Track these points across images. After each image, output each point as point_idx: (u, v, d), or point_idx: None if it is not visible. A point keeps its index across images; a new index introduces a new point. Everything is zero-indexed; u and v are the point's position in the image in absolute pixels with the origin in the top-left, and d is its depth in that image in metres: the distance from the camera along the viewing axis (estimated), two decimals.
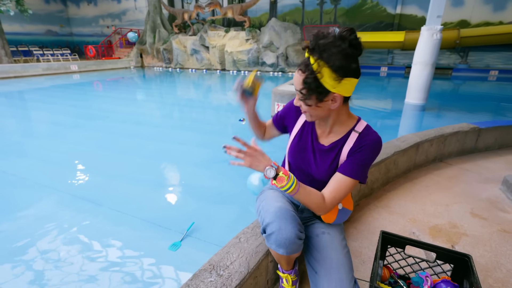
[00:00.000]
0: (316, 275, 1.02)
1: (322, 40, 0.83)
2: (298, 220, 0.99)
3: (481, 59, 13.16)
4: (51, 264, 1.74)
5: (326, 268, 1.00)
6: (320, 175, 1.06)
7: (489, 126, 2.98)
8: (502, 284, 1.31)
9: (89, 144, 3.97)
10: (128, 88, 9.65)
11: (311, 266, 1.07)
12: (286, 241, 0.93)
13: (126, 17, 19.40)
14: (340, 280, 0.95)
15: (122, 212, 2.29)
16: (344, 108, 0.98)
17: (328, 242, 1.06)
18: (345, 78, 0.85)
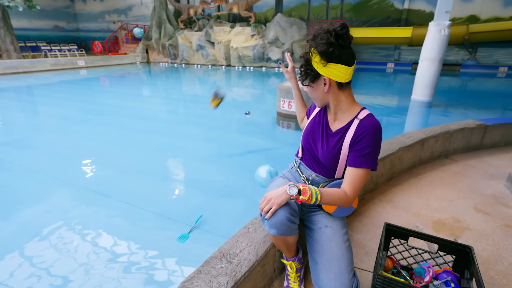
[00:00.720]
0: (317, 265, 1.06)
1: (317, 31, 1.00)
2: (291, 206, 1.04)
3: (490, 55, 12.95)
4: (61, 253, 1.81)
5: (326, 259, 1.04)
6: (324, 157, 1.13)
7: (496, 123, 2.97)
8: (503, 276, 1.34)
9: (97, 138, 4.05)
10: (134, 84, 9.74)
11: (312, 257, 1.11)
12: (277, 222, 0.99)
13: (132, 12, 19.44)
14: (339, 272, 1.00)
15: (131, 204, 2.36)
16: (343, 95, 1.07)
17: (330, 235, 1.11)
18: (331, 63, 0.99)
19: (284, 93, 4.54)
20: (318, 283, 1.04)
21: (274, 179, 1.32)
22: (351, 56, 1.00)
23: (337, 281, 0.98)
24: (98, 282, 1.58)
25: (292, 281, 1.21)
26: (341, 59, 0.99)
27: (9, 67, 10.69)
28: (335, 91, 1.05)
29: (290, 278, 1.23)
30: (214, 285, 0.98)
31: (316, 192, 0.96)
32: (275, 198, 0.98)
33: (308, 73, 1.05)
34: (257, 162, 3.26)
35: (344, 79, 1.02)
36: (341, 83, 1.03)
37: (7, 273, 1.64)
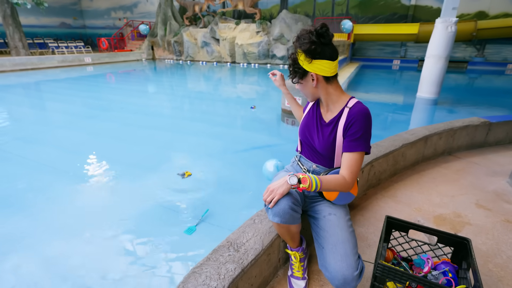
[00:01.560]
0: (323, 249, 1.12)
1: (300, 33, 1.10)
2: (293, 195, 1.10)
3: (498, 52, 12.76)
4: (69, 246, 1.89)
5: (332, 243, 1.10)
6: (321, 147, 1.21)
7: (501, 121, 2.98)
8: (501, 269, 1.38)
9: (104, 134, 4.14)
10: (140, 80, 9.84)
11: (318, 243, 1.17)
12: (280, 211, 1.05)
13: (137, 9, 19.53)
14: (345, 253, 1.05)
15: (138, 199, 2.44)
16: (331, 87, 1.16)
17: (335, 221, 1.16)
18: (315, 60, 1.08)
19: (289, 89, 4.57)
20: (325, 266, 1.09)
21: (278, 173, 1.38)
22: (334, 52, 1.10)
23: (344, 262, 1.03)
24: (107, 272, 1.65)
25: (296, 270, 1.27)
26: (324, 55, 1.08)
27: (18, 64, 10.86)
28: (323, 85, 1.14)
29: (294, 267, 1.28)
30: (222, 272, 1.04)
31: (315, 180, 1.01)
32: (277, 188, 1.04)
33: (296, 71, 1.14)
34: (262, 158, 3.31)
35: (330, 73, 1.11)
36: (327, 77, 1.12)
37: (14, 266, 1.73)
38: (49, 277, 1.62)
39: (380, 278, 1.06)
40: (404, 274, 1.01)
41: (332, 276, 1.04)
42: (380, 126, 4.47)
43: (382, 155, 2.08)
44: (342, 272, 1.02)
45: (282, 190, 1.03)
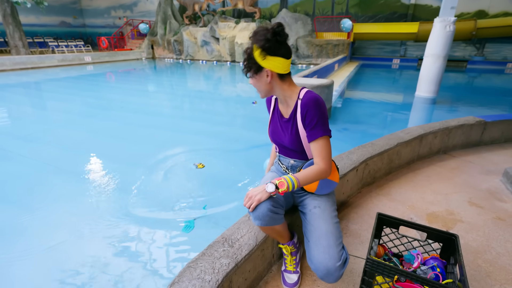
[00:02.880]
0: (309, 243, 1.16)
1: (257, 29, 1.12)
2: (274, 198, 1.13)
3: (498, 51, 12.76)
4: (68, 244, 1.92)
5: (316, 236, 1.14)
6: (289, 143, 1.24)
7: (496, 120, 3.01)
8: (490, 265, 1.41)
9: (104, 133, 4.17)
10: (140, 79, 9.87)
11: (306, 237, 1.21)
12: (260, 214, 1.09)
13: (137, 8, 19.53)
14: (328, 245, 1.10)
15: (137, 197, 2.47)
16: (285, 84, 1.19)
17: (319, 214, 1.21)
18: (269, 56, 1.10)
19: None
20: (310, 259, 1.13)
21: (265, 175, 1.43)
22: (288, 51, 1.13)
23: (326, 254, 1.08)
24: (105, 268, 1.69)
25: (289, 264, 1.31)
26: (278, 53, 1.10)
27: (18, 63, 10.89)
28: (277, 81, 1.17)
29: (286, 261, 1.32)
30: (216, 266, 1.07)
31: (292, 180, 1.07)
32: (255, 195, 1.09)
33: (250, 66, 1.15)
34: (261, 156, 3.35)
35: (283, 70, 1.15)
36: (281, 74, 1.16)
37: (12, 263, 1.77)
38: (47, 274, 1.66)
39: (370, 273, 1.09)
40: (392, 268, 1.05)
41: (316, 267, 1.09)
42: (378, 125, 4.50)
43: (377, 153, 2.12)
44: (325, 264, 1.06)
45: (259, 197, 1.08)
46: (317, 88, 4.44)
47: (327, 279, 1.09)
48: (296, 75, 5.59)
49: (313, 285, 1.30)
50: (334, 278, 1.08)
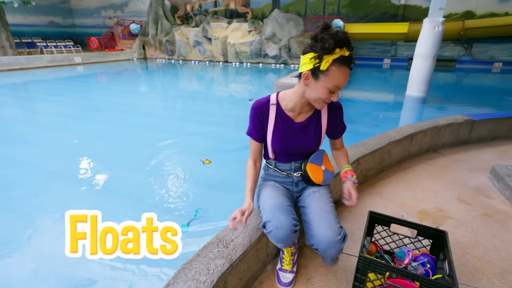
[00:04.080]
0: (309, 224, 1.19)
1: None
2: (292, 213, 1.18)
3: (485, 51, 13.04)
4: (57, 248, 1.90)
5: (317, 215, 1.19)
6: (313, 145, 1.28)
7: (483, 118, 3.08)
8: (478, 260, 1.46)
9: (95, 135, 4.12)
10: (131, 80, 9.77)
11: (306, 221, 1.24)
12: (284, 237, 1.11)
13: (128, 8, 19.31)
14: (328, 221, 1.15)
15: (130, 199, 2.46)
16: None
17: (318, 197, 1.27)
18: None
19: (281, 89, 4.60)
20: (311, 235, 1.17)
21: (262, 185, 1.35)
22: None
23: (328, 228, 1.13)
24: (98, 270, 1.67)
25: (286, 264, 1.31)
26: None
27: (5, 64, 10.65)
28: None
29: (284, 261, 1.32)
30: (211, 267, 1.08)
31: (353, 175, 1.27)
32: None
33: None
34: None
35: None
36: None
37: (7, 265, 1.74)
38: (36, 278, 1.63)
39: (362, 270, 1.11)
40: (384, 265, 1.07)
41: (318, 241, 1.13)
42: (370, 124, 4.56)
43: (368, 153, 2.15)
44: (327, 236, 1.11)
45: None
46: None
47: (329, 251, 1.12)
48: (289, 75, 5.63)
49: (307, 283, 1.32)
50: (336, 251, 1.12)
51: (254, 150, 1.32)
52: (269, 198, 1.23)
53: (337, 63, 1.01)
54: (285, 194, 1.30)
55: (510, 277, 1.35)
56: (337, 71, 1.02)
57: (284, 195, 1.28)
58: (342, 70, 1.02)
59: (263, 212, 1.21)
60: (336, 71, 1.02)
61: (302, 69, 1.09)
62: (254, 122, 1.26)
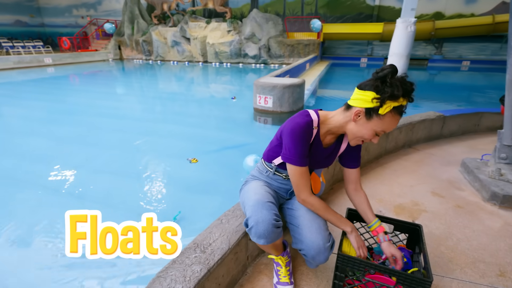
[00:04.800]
0: (299, 228, 1.17)
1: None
2: (274, 209, 1.13)
3: (454, 50, 13.75)
4: (34, 260, 1.79)
5: (307, 220, 1.17)
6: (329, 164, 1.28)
7: (454, 114, 3.22)
8: (452, 251, 1.51)
9: (68, 139, 3.92)
10: (107, 82, 9.42)
11: (293, 224, 1.22)
12: (265, 232, 1.06)
13: (101, 7, 18.62)
14: (319, 227, 1.14)
15: (107, 205, 2.35)
16: None
17: None
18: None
19: (260, 89, 4.61)
20: (301, 240, 1.15)
21: (247, 183, 1.32)
22: None
23: (319, 234, 1.12)
24: (69, 282, 1.58)
25: (283, 276, 1.27)
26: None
27: None
28: None
29: (280, 273, 1.27)
30: (188, 274, 1.04)
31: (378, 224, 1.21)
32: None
33: None
34: (235, 158, 3.32)
35: None
36: None
37: None
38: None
39: (341, 268, 1.11)
40: (362, 262, 1.07)
41: (308, 247, 1.12)
42: None
43: None
44: (317, 243, 1.10)
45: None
46: (289, 87, 4.50)
47: (317, 258, 1.12)
48: (269, 74, 5.63)
49: None
50: (324, 258, 1.12)
51: (308, 178, 1.16)
52: (253, 195, 1.18)
53: (394, 111, 0.99)
54: (270, 192, 1.24)
55: (481, 266, 1.41)
56: (392, 119, 1.00)
57: (269, 193, 1.23)
58: (396, 118, 1.01)
59: (246, 209, 1.17)
60: (391, 118, 1.00)
61: (356, 104, 1.03)
62: (306, 147, 1.11)
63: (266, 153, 1.30)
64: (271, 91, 4.50)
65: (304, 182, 1.13)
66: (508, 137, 2.09)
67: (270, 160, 1.27)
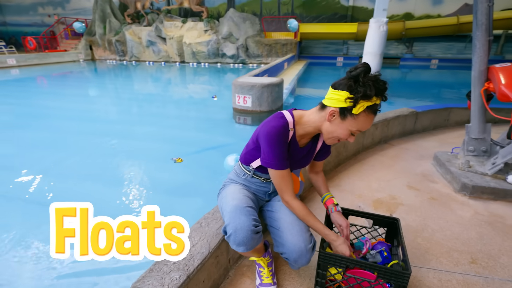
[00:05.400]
0: (279, 231, 1.16)
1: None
2: (253, 214, 1.10)
3: (424, 49, 14.43)
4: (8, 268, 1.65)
5: (288, 222, 1.15)
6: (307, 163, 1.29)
7: (425, 110, 3.36)
8: (427, 242, 1.56)
9: (37, 145, 3.69)
10: (78, 84, 8.98)
11: (273, 227, 1.20)
12: (244, 239, 1.03)
13: (70, 5, 17.74)
14: (300, 229, 1.13)
15: None
16: None
17: None
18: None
19: (239, 88, 4.58)
20: (282, 243, 1.13)
21: (225, 187, 1.29)
22: None
23: (300, 236, 1.11)
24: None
25: (265, 277, 1.25)
26: None
27: None
28: None
29: (262, 275, 1.25)
30: (166, 282, 0.99)
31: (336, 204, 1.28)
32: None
33: None
34: (215, 159, 3.27)
35: None
36: None
37: None
38: None
39: (323, 265, 1.11)
40: (343, 258, 1.08)
41: (289, 250, 1.10)
42: None
43: None
44: (299, 245, 1.09)
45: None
46: (268, 86, 4.51)
47: (300, 261, 1.11)
48: (247, 74, 5.61)
49: None
50: (306, 260, 1.11)
51: (290, 180, 1.14)
52: (231, 200, 1.15)
53: (368, 110, 0.99)
54: (249, 196, 1.22)
55: (455, 255, 1.47)
56: (366, 118, 1.00)
57: (247, 197, 1.20)
58: (370, 117, 1.01)
59: (224, 216, 1.14)
60: (365, 118, 1.00)
61: (330, 104, 1.03)
62: (284, 150, 1.10)
63: (243, 156, 1.27)
64: (250, 91, 4.47)
65: (286, 184, 1.13)
66: (475, 130, 2.20)
67: (247, 163, 1.24)
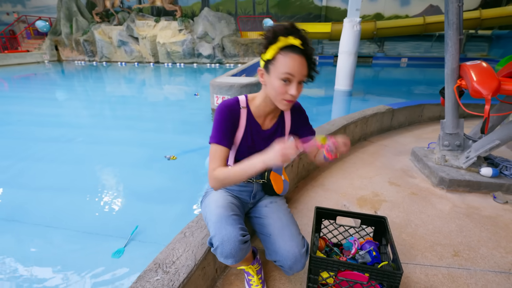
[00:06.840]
0: (270, 237, 1.11)
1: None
2: (240, 222, 1.03)
3: (394, 48, 15.07)
4: None
5: (279, 228, 1.11)
6: None
7: (401, 107, 3.48)
8: (412, 237, 1.58)
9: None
10: (44, 86, 8.40)
11: (264, 233, 1.15)
12: (232, 251, 0.97)
13: (31, 2, 16.62)
14: (292, 234, 1.08)
15: (51, 227, 2.05)
16: None
17: (278, 207, 1.20)
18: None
19: (217, 88, 4.48)
20: (275, 250, 1.08)
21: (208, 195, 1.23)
22: None
23: (293, 241, 1.06)
24: None
25: (255, 285, 1.20)
26: None
27: None
28: None
29: (252, 283, 1.20)
30: None
31: None
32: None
33: None
34: (194, 161, 3.17)
35: None
36: None
37: None
38: None
39: (314, 270, 1.08)
40: (335, 262, 1.05)
41: (283, 257, 1.05)
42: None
43: None
44: (292, 251, 1.04)
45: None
46: (246, 86, 4.45)
47: (295, 267, 1.06)
48: (225, 74, 5.52)
49: None
50: (301, 265, 1.07)
51: (223, 158, 1.05)
52: (215, 208, 1.09)
53: (284, 51, 0.94)
54: (234, 202, 1.16)
55: (438, 249, 1.50)
56: (284, 58, 0.94)
57: (233, 203, 1.15)
58: (290, 56, 0.94)
59: (209, 226, 1.07)
60: (283, 58, 0.94)
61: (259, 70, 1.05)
62: (226, 126, 1.05)
63: None
64: (228, 91, 4.39)
65: (216, 158, 1.04)
66: (449, 126, 2.29)
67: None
